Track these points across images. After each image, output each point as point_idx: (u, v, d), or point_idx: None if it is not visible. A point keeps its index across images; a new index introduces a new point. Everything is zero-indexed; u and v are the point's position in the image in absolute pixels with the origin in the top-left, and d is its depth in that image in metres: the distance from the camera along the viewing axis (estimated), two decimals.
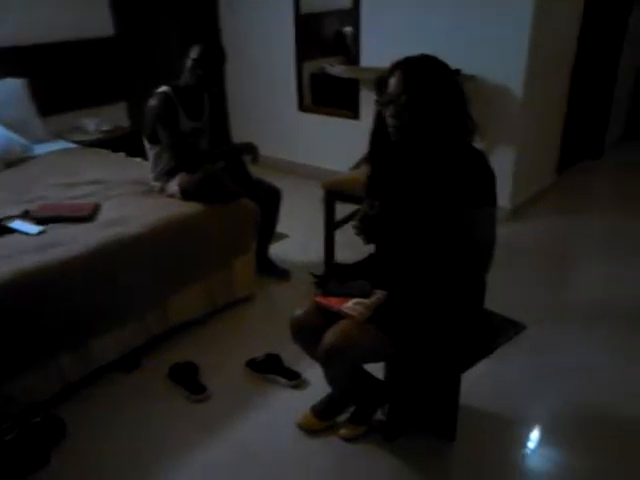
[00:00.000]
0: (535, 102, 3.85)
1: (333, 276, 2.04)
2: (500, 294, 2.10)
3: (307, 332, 1.98)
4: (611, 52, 4.89)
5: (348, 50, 4.84)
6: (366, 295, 1.90)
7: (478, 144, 1.88)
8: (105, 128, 4.21)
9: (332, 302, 1.92)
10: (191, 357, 2.55)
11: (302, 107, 4.92)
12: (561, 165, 4.67)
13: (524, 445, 2.16)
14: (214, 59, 2.84)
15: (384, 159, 1.95)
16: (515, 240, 3.62)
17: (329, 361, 1.87)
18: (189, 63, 2.81)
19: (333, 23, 5.03)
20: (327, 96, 4.94)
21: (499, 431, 2.21)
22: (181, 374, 2.43)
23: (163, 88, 2.85)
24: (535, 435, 2.21)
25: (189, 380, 2.41)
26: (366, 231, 1.90)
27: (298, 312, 2.00)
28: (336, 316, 1.88)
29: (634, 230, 3.86)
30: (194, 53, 2.80)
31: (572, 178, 4.80)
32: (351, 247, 3.32)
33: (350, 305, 1.87)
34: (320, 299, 1.95)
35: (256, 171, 3.25)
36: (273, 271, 3.29)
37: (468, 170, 1.80)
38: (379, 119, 1.89)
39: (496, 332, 2.04)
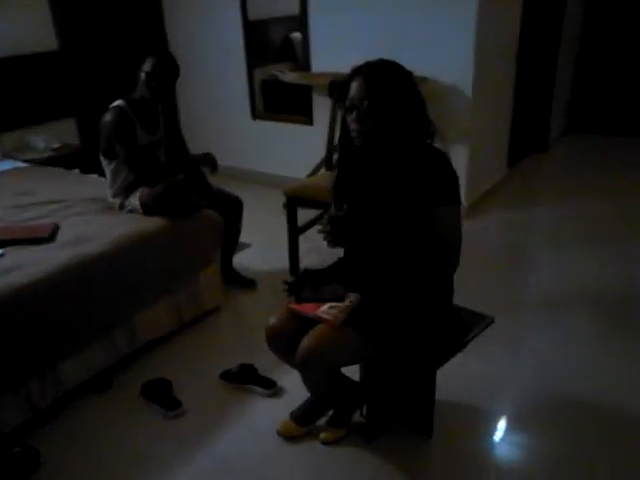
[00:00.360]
0: (484, 101, 3.97)
1: (305, 282, 2.05)
2: (465, 289, 2.14)
3: (283, 340, 1.98)
4: (549, 51, 5.09)
5: (296, 56, 4.87)
6: (340, 299, 1.92)
7: (438, 145, 1.93)
8: (55, 145, 4.11)
9: (307, 308, 1.93)
10: (163, 373, 2.52)
11: (255, 115, 4.93)
12: (511, 160, 4.83)
13: (499, 436, 2.23)
14: (168, 71, 2.81)
15: (350, 163, 1.98)
16: (473, 236, 3.70)
17: (307, 366, 1.88)
18: (142, 76, 2.77)
19: (280, 29, 5.06)
20: (279, 103, 4.96)
21: (474, 423, 2.27)
22: (154, 391, 2.40)
23: (117, 102, 2.80)
24: (509, 425, 2.28)
25: (163, 397, 2.37)
26: (335, 234, 1.92)
27: (273, 320, 2.00)
28: (311, 322, 1.90)
29: (584, 219, 4.02)
30: (147, 66, 2.76)
31: (522, 172, 4.97)
32: (314, 253, 3.38)
33: (325, 309, 1.89)
34: (295, 306, 1.96)
35: (213, 181, 3.23)
36: (239, 281, 3.27)
37: (431, 170, 1.84)
38: (344, 124, 1.91)
39: (466, 327, 2.09)
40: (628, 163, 5.16)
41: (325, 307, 1.90)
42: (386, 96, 1.78)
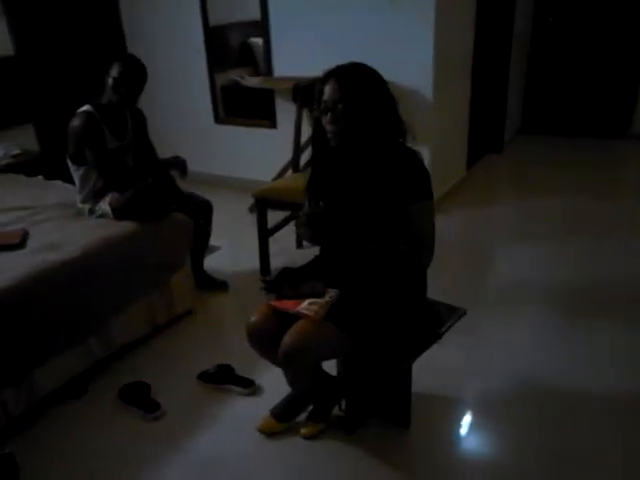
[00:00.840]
0: (444, 104, 4.09)
1: (284, 280, 2.09)
2: (435, 284, 2.20)
3: (264, 337, 2.01)
4: (502, 57, 5.29)
5: (255, 61, 4.91)
6: (319, 295, 1.97)
7: (410, 144, 2.01)
8: (14, 152, 4.02)
9: (287, 305, 1.97)
10: (140, 377, 2.51)
11: (218, 119, 4.94)
12: (469, 160, 4.98)
13: (473, 425, 2.31)
14: (136, 76, 2.80)
15: (325, 162, 2.03)
16: (439, 234, 3.80)
17: (290, 361, 1.91)
18: (110, 82, 2.76)
19: (238, 34, 5.08)
20: (239, 108, 4.98)
21: (450, 413, 2.34)
22: (132, 394, 2.39)
23: (85, 107, 2.78)
24: (483, 415, 2.34)
25: (141, 399, 2.37)
26: (314, 231, 1.96)
27: (254, 318, 2.03)
28: (291, 319, 1.93)
29: (542, 216, 4.20)
30: (115, 71, 2.75)
31: (480, 172, 5.13)
32: (283, 255, 3.42)
33: (305, 306, 1.93)
34: (276, 303, 2.00)
35: (181, 186, 3.23)
36: (211, 284, 3.28)
37: (405, 168, 1.91)
38: (317, 125, 1.96)
39: (440, 318, 2.16)
40: (576, 161, 5.39)
41: (305, 303, 1.94)
42: (360, 98, 1.83)
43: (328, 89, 1.86)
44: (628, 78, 5.67)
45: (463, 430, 2.28)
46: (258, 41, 4.62)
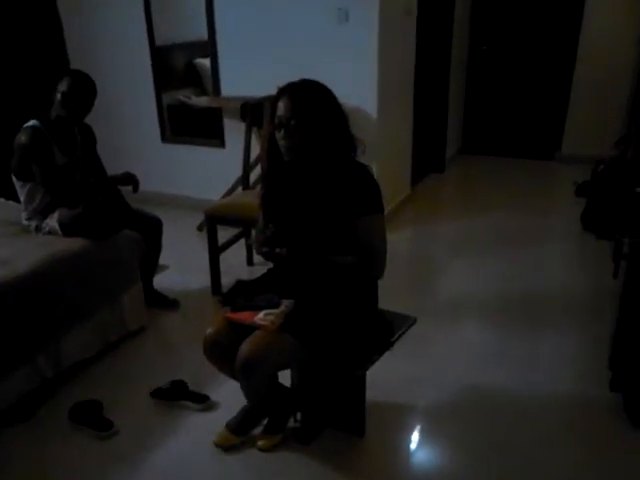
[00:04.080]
0: (388, 123, 4.24)
1: (238, 293, 2.11)
2: (383, 295, 2.26)
3: (221, 349, 2.02)
4: (441, 80, 5.54)
5: (201, 81, 4.93)
6: (275, 306, 2.00)
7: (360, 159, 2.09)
8: None
9: (243, 316, 1.99)
10: (92, 396, 2.46)
11: (165, 138, 4.92)
12: (414, 179, 5.15)
13: (426, 431, 2.37)
14: (85, 91, 2.79)
15: (278, 178, 2.08)
16: (388, 248, 3.91)
17: (247, 371, 1.93)
18: (58, 96, 2.74)
19: (184, 55, 5.10)
20: (185, 127, 4.99)
21: (403, 420, 2.40)
22: (84, 413, 2.34)
23: (32, 122, 2.74)
24: (434, 420, 2.41)
25: (93, 418, 2.32)
26: (272, 247, 1.99)
27: (210, 330, 2.04)
28: (247, 331, 1.96)
29: (479, 231, 4.39)
30: (63, 86, 2.73)
31: (423, 190, 5.31)
32: (233, 272, 3.43)
33: (261, 316, 1.96)
34: (231, 315, 2.02)
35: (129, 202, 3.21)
36: (162, 302, 3.25)
37: (355, 182, 1.98)
38: (271, 141, 2.01)
39: (392, 327, 2.23)
40: (509, 181, 5.66)
41: (261, 314, 1.97)
42: (311, 113, 1.91)
43: (281, 105, 1.93)
44: (556, 104, 6.00)
45: (416, 437, 2.34)
46: (203, 62, 4.66)
